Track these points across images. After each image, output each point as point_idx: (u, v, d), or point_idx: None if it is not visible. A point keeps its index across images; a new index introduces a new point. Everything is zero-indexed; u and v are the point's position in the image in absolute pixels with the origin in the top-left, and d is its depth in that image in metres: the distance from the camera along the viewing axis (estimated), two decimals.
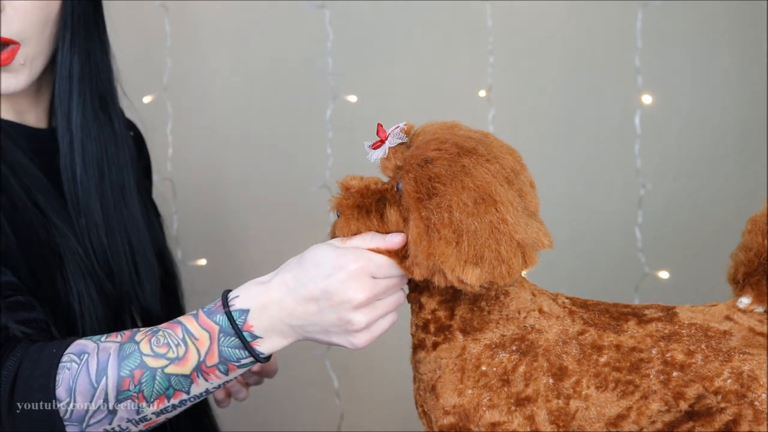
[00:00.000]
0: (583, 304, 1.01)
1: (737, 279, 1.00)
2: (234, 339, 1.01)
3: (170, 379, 1.02)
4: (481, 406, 0.97)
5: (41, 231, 1.19)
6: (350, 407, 2.01)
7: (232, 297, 1.03)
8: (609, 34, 1.98)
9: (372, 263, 0.98)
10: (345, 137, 1.96)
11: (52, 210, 1.22)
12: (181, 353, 1.02)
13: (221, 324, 1.01)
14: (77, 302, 1.21)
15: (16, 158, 1.22)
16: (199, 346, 1.02)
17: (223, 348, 1.01)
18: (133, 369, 1.02)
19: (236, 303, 1.02)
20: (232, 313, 1.01)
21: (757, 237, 0.98)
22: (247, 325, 1.01)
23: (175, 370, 1.02)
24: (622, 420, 0.97)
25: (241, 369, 1.04)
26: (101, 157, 1.30)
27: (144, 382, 1.02)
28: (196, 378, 1.03)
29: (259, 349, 1.02)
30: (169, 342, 1.03)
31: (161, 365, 1.02)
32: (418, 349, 1.02)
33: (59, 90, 1.27)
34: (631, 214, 1.92)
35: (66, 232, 1.22)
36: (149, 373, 1.02)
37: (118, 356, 1.03)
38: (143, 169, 1.49)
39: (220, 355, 1.02)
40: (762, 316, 0.99)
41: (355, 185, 1.00)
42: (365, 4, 2.01)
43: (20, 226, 1.16)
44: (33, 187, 1.21)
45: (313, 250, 1.00)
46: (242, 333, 1.01)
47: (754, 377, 0.95)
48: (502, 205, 0.94)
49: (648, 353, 0.97)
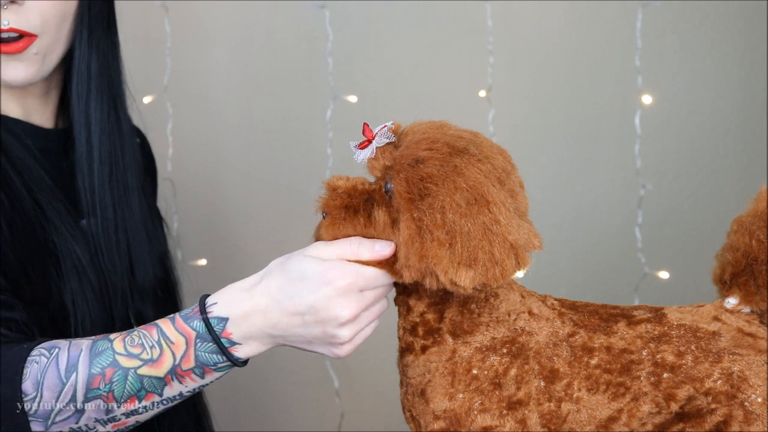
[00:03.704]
0: (572, 306, 1.01)
1: (724, 279, 1.00)
2: (211, 345, 1.00)
3: (143, 381, 1.00)
4: (473, 410, 0.96)
5: (39, 230, 1.19)
6: (350, 407, 2.01)
7: (210, 303, 1.00)
8: (609, 34, 1.97)
9: (360, 278, 0.96)
10: (345, 137, 1.95)
11: (53, 209, 1.22)
12: (155, 355, 1.00)
13: (198, 330, 1.00)
14: (71, 302, 1.20)
15: (19, 156, 1.23)
16: (174, 350, 1.00)
17: (200, 353, 1.00)
18: (105, 367, 1.00)
19: (215, 310, 1.00)
20: (210, 320, 0.99)
21: (744, 237, 0.98)
22: (226, 333, 0.99)
23: (148, 371, 1.00)
24: (613, 422, 0.96)
25: (218, 372, 1.02)
26: (111, 155, 1.30)
27: (115, 381, 1.00)
28: (171, 381, 1.01)
29: (237, 354, 1.00)
30: (144, 343, 1.01)
31: (134, 365, 1.00)
32: (406, 353, 1.00)
33: (77, 85, 1.28)
34: (631, 214, 1.92)
35: (64, 231, 1.22)
36: (121, 373, 1.00)
37: (90, 352, 1.01)
38: (149, 176, 1.50)
39: (197, 360, 1.00)
40: (750, 317, 0.98)
41: (342, 185, 0.98)
42: (365, 4, 2.01)
43: (17, 223, 1.16)
44: (35, 185, 1.21)
45: (299, 260, 0.98)
46: (220, 340, 0.99)
47: (743, 378, 0.95)
48: (495, 205, 0.93)
49: (638, 355, 0.97)
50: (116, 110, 1.33)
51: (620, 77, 1.94)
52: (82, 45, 1.27)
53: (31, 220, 1.19)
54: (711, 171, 1.98)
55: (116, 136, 1.32)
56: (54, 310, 1.20)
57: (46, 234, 1.20)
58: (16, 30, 1.18)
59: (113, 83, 1.32)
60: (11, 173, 1.19)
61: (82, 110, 1.29)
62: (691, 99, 1.98)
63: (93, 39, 1.28)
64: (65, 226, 1.23)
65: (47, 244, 1.20)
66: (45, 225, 1.20)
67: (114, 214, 1.30)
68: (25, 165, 1.23)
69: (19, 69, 1.22)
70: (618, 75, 1.96)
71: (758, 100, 1.95)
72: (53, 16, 1.22)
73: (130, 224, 1.33)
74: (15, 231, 1.16)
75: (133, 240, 1.33)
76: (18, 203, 1.18)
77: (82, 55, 1.27)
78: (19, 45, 1.19)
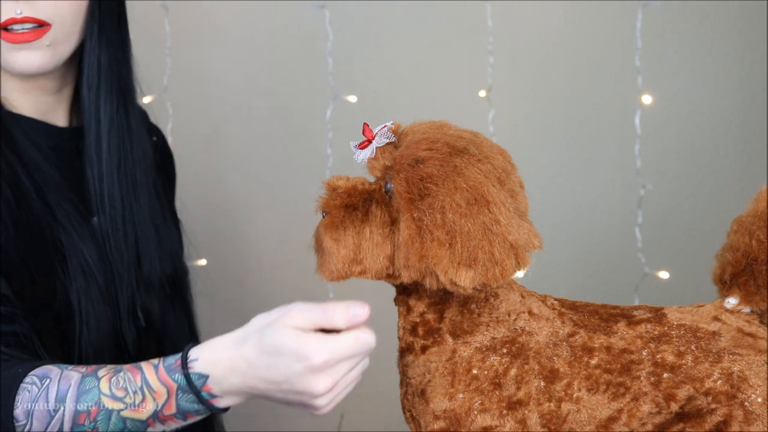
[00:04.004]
0: (572, 306, 1.01)
1: (724, 279, 1.00)
2: (192, 396, 1.01)
3: (126, 422, 1.02)
4: (473, 410, 0.96)
5: (47, 229, 1.21)
6: (350, 407, 2.01)
7: (191, 359, 1.01)
8: (609, 34, 1.98)
9: (335, 354, 0.95)
10: (345, 137, 1.95)
11: (62, 209, 1.24)
12: (137, 401, 1.02)
13: (179, 383, 1.01)
14: (76, 300, 1.22)
15: (31, 155, 1.25)
16: (156, 398, 1.02)
17: (181, 402, 1.01)
18: (90, 406, 1.02)
19: (195, 366, 1.01)
20: (190, 375, 1.01)
21: (744, 237, 0.98)
22: (207, 387, 1.01)
23: (131, 414, 1.02)
24: (613, 422, 0.96)
25: (200, 416, 1.04)
26: (120, 149, 1.33)
27: (99, 420, 1.02)
28: (153, 423, 1.03)
29: (218, 405, 1.02)
30: (128, 387, 1.03)
31: (117, 408, 1.02)
32: (406, 353, 1.00)
33: (87, 78, 1.31)
34: (631, 214, 1.92)
35: (72, 230, 1.24)
36: (105, 413, 1.02)
37: (78, 388, 1.03)
38: (166, 175, 1.52)
39: (178, 408, 1.02)
40: (749, 317, 0.99)
41: (342, 185, 0.98)
42: (365, 4, 2.01)
43: (24, 222, 1.19)
44: (45, 185, 1.24)
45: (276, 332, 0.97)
46: (200, 393, 1.01)
47: (743, 378, 0.95)
48: (495, 205, 0.93)
49: (638, 355, 0.97)
50: (125, 105, 1.35)
51: (620, 77, 1.94)
52: (93, 39, 1.30)
53: (39, 219, 1.21)
54: (711, 171, 1.98)
55: (125, 130, 1.34)
56: (59, 308, 1.21)
57: (53, 233, 1.22)
58: (29, 18, 1.22)
59: (122, 79, 1.35)
60: (21, 173, 1.22)
61: (92, 102, 1.31)
62: (691, 99, 1.98)
63: (103, 34, 1.30)
64: (73, 225, 1.25)
65: (54, 243, 1.22)
66: (53, 224, 1.22)
67: (122, 205, 1.32)
68: (36, 164, 1.25)
69: (32, 57, 1.25)
70: (618, 75, 1.96)
71: (758, 100, 1.95)
72: (66, 9, 1.25)
73: (138, 218, 1.34)
74: (20, 230, 1.18)
75: (141, 233, 1.34)
76: (26, 203, 1.20)
77: (92, 49, 1.30)
78: (32, 34, 1.23)
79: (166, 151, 1.54)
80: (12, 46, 1.24)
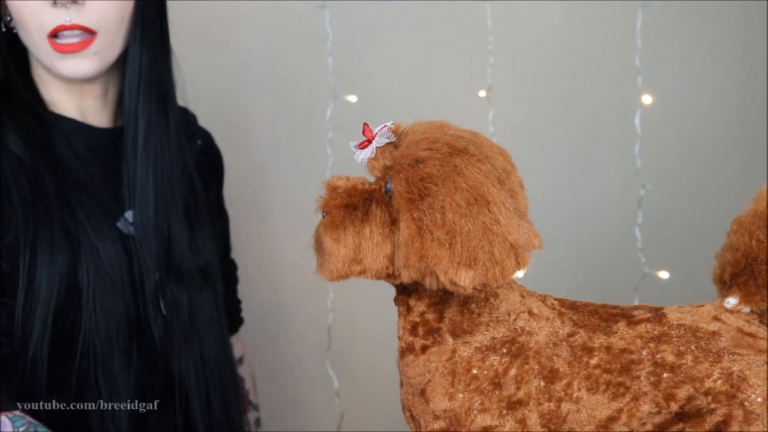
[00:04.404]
0: (572, 306, 1.01)
1: (724, 279, 1.00)
2: None
3: None
4: (473, 410, 0.96)
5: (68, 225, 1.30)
6: (350, 407, 2.01)
7: None
8: (609, 34, 1.98)
9: None
10: (345, 137, 1.95)
11: (82, 207, 1.32)
12: None
13: None
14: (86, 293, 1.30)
15: (62, 154, 1.34)
16: None
17: None
18: None
19: None
20: None
21: (744, 237, 0.98)
22: None
23: None
24: (612, 422, 0.96)
25: None
26: (157, 147, 1.40)
27: None
28: None
29: None
30: None
31: None
32: (406, 353, 1.00)
33: (129, 81, 1.38)
34: (631, 214, 1.92)
35: (89, 227, 1.31)
36: None
37: None
38: (215, 174, 1.60)
39: None
40: (749, 317, 0.99)
41: (342, 185, 0.98)
42: (365, 4, 2.01)
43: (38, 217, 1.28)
44: (69, 183, 1.32)
45: None
46: None
47: (743, 378, 0.95)
48: (495, 205, 0.93)
49: (638, 354, 0.97)
50: (165, 107, 1.42)
51: (620, 77, 1.94)
52: (136, 44, 1.37)
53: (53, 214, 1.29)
54: (711, 171, 1.98)
55: (163, 130, 1.41)
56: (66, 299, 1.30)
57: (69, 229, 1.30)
58: (77, 26, 1.29)
59: (162, 82, 1.42)
60: (44, 171, 1.30)
61: (132, 103, 1.38)
62: (691, 99, 1.98)
63: (145, 39, 1.38)
64: (91, 223, 1.32)
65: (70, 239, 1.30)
66: (69, 220, 1.30)
67: (155, 200, 1.38)
68: (66, 164, 1.33)
69: (80, 65, 1.32)
70: (618, 75, 1.96)
71: (758, 100, 1.95)
72: (112, 16, 1.32)
73: (172, 212, 1.41)
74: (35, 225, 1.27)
75: (173, 227, 1.41)
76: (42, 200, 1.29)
77: (135, 52, 1.37)
78: (79, 44, 1.30)
79: (213, 151, 1.61)
80: (59, 54, 1.30)
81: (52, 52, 1.30)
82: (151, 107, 1.39)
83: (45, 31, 1.29)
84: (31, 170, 1.30)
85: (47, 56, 1.32)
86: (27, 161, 1.30)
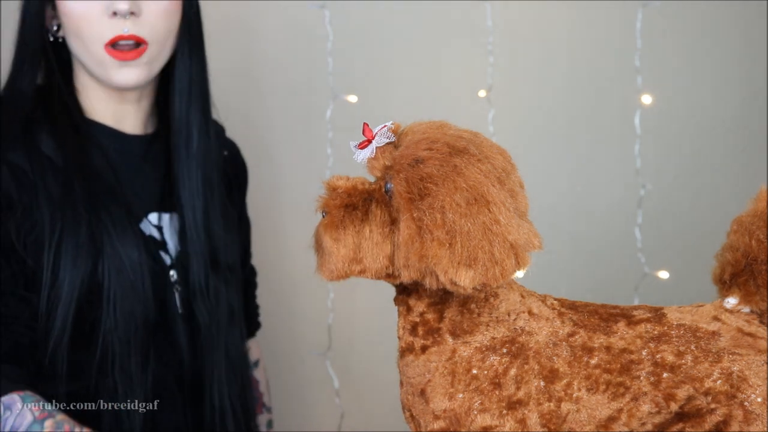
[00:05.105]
0: (571, 306, 1.01)
1: (724, 279, 1.00)
2: None
3: None
4: (473, 410, 0.96)
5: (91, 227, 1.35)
6: (350, 407, 2.01)
7: None
8: (609, 34, 1.98)
9: None
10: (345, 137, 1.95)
11: (108, 212, 1.37)
12: None
13: None
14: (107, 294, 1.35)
15: (95, 163, 1.39)
16: None
17: None
18: None
19: None
20: None
21: (744, 237, 0.98)
22: None
23: None
24: (612, 422, 0.96)
25: None
26: (204, 153, 1.47)
27: None
28: None
29: None
30: None
31: None
32: (406, 353, 1.00)
33: (179, 90, 1.46)
34: (631, 214, 1.92)
35: (113, 231, 1.36)
36: None
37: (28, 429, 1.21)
38: (238, 184, 1.66)
39: None
40: (749, 317, 0.98)
41: (342, 185, 0.98)
42: (365, 4, 2.01)
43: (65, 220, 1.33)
44: (98, 188, 1.37)
45: None
46: None
47: (743, 378, 0.95)
48: (495, 205, 0.93)
49: (638, 354, 0.97)
50: (207, 116, 1.50)
51: (620, 77, 1.94)
52: (185, 55, 1.45)
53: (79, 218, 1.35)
54: (711, 171, 1.98)
55: (207, 136, 1.48)
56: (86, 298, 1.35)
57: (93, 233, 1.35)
58: (134, 37, 1.36)
59: (205, 92, 1.50)
60: (75, 179, 1.36)
61: (182, 110, 1.46)
62: (691, 99, 1.98)
63: (193, 51, 1.46)
64: (115, 227, 1.37)
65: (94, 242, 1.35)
66: (94, 225, 1.35)
67: (204, 200, 1.46)
68: (97, 173, 1.39)
69: (132, 74, 1.38)
70: (618, 75, 1.96)
71: (758, 100, 1.95)
72: (162, 28, 1.39)
73: (213, 213, 1.47)
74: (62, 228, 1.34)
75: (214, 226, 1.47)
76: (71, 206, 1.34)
77: (184, 64, 1.46)
78: (134, 53, 1.37)
79: (239, 160, 1.67)
80: (116, 63, 1.37)
81: (108, 60, 1.37)
82: (197, 114, 1.46)
83: (103, 40, 1.36)
84: (62, 173, 1.35)
85: (100, 65, 1.38)
86: (58, 163, 1.36)
